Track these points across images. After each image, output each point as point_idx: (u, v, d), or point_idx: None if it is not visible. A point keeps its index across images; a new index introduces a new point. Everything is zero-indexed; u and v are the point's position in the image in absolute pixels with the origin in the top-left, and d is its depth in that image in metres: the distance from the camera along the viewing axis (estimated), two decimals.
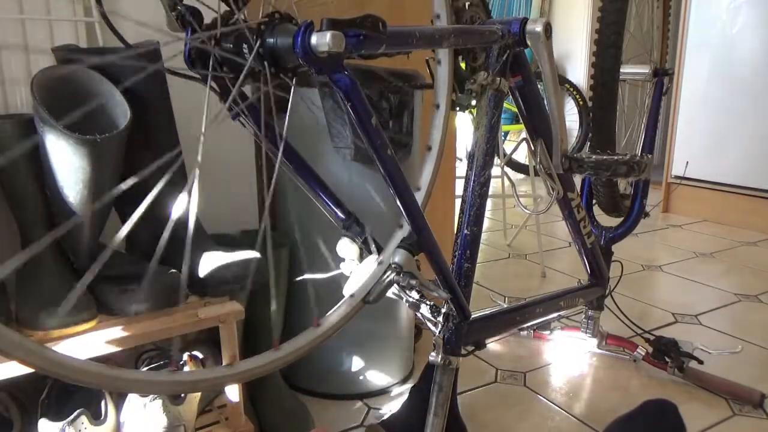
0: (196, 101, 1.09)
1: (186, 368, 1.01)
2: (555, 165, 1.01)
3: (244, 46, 0.52)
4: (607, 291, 1.38)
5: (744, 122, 2.78)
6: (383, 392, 1.32)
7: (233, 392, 1.00)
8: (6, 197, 0.88)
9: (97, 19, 1.06)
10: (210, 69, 0.53)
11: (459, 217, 0.95)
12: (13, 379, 0.75)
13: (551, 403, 1.29)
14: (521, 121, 1.06)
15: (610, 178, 1.09)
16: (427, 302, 0.93)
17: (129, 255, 1.01)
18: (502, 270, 2.19)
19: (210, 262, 0.94)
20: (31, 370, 0.41)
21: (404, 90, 1.15)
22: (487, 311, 1.04)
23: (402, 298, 0.90)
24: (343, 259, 0.78)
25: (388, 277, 0.70)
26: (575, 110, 3.86)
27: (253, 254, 0.95)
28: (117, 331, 0.84)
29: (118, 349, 0.84)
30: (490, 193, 0.97)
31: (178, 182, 0.98)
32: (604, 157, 1.02)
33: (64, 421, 0.84)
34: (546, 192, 1.14)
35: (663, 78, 1.43)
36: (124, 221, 1.03)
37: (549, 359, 1.49)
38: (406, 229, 0.74)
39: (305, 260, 1.24)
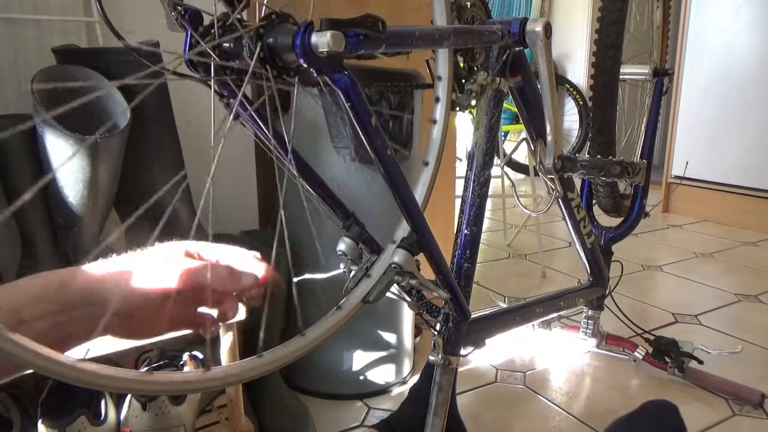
0: (195, 100, 1.09)
1: (186, 368, 1.01)
2: (548, 165, 1.01)
3: (244, 48, 0.52)
4: (607, 291, 1.38)
5: (744, 122, 2.78)
6: (383, 392, 1.32)
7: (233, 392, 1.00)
8: (6, 197, 0.88)
9: (97, 19, 1.06)
10: (212, 74, 0.53)
11: (459, 217, 0.95)
12: (13, 379, 0.75)
13: (551, 403, 1.29)
14: (521, 121, 1.06)
15: (604, 178, 1.09)
16: (427, 302, 0.93)
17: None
18: (502, 270, 2.19)
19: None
20: (31, 370, 0.40)
21: (404, 90, 1.16)
22: (487, 311, 1.04)
23: (402, 298, 0.90)
24: (343, 259, 0.77)
25: (387, 277, 0.70)
26: (575, 110, 3.86)
27: (253, 254, 0.95)
28: None
29: (118, 349, 0.84)
30: (490, 193, 0.96)
31: (180, 181, 0.98)
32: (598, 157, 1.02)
33: (64, 423, 0.84)
34: (546, 192, 1.14)
35: (663, 78, 1.43)
36: (124, 221, 1.03)
37: (549, 359, 1.49)
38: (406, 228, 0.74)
39: (305, 260, 1.24)
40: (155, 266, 0.51)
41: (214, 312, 0.55)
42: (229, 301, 0.55)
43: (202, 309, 0.55)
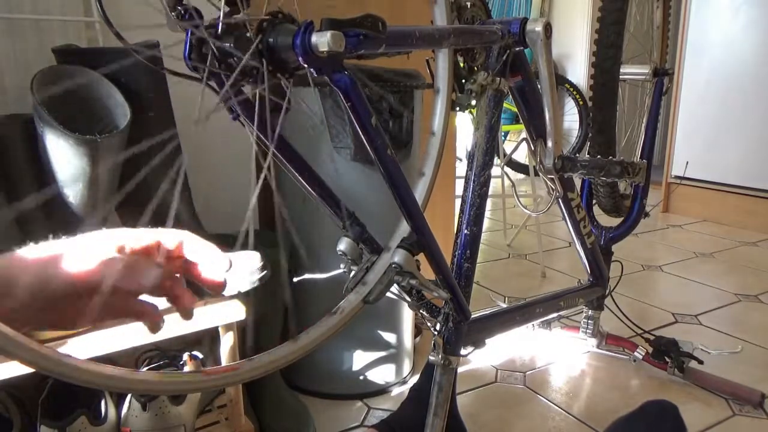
0: (196, 100, 1.09)
1: (186, 368, 1.01)
2: (548, 165, 1.01)
3: (244, 47, 0.52)
4: (607, 291, 1.38)
5: (744, 122, 2.78)
6: (383, 392, 1.32)
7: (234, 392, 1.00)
8: (6, 197, 0.88)
9: (97, 19, 1.06)
10: (207, 63, 0.52)
11: (459, 217, 0.95)
12: (13, 379, 0.75)
13: (551, 403, 1.29)
14: (521, 121, 1.06)
15: (604, 178, 1.09)
16: (427, 302, 0.93)
17: None
18: (502, 270, 2.19)
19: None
20: (31, 370, 0.40)
21: (404, 90, 1.15)
22: (487, 311, 1.04)
23: (402, 298, 0.90)
24: (343, 259, 0.77)
25: (387, 277, 0.70)
26: (575, 110, 3.86)
27: (253, 254, 0.95)
28: (117, 331, 0.84)
29: (118, 349, 0.84)
30: (490, 193, 0.96)
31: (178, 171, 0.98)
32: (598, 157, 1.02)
33: (64, 423, 0.84)
34: (546, 192, 1.14)
35: (663, 78, 1.43)
36: (123, 221, 1.03)
37: (549, 359, 1.49)
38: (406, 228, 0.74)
39: (305, 260, 1.24)
40: (77, 254, 0.47)
41: (156, 300, 0.51)
42: (177, 289, 0.52)
43: (144, 297, 0.51)
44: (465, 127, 2.87)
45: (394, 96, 1.14)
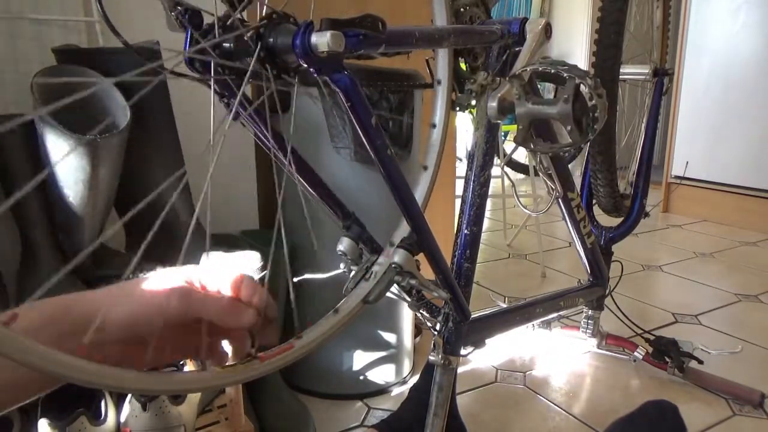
0: (196, 99, 1.09)
1: (186, 368, 1.01)
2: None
3: (245, 48, 0.52)
4: (607, 291, 1.38)
5: (744, 122, 2.78)
6: (383, 392, 1.32)
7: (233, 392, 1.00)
8: (6, 197, 0.88)
9: (97, 19, 1.06)
10: (212, 73, 0.53)
11: (459, 217, 0.95)
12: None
13: (551, 403, 1.29)
14: None
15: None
16: (427, 302, 0.93)
17: (129, 255, 1.01)
18: (502, 270, 2.19)
19: (210, 262, 0.94)
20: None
21: (404, 90, 1.15)
22: (487, 311, 1.04)
23: (402, 298, 0.90)
24: (343, 259, 0.77)
25: (387, 277, 0.70)
26: None
27: (253, 254, 0.95)
28: None
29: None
30: (490, 193, 0.96)
31: (179, 178, 0.98)
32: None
33: (64, 423, 0.84)
34: (546, 192, 1.14)
35: (663, 78, 1.43)
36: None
37: (549, 359, 1.49)
38: (406, 228, 0.74)
39: (305, 260, 1.24)
40: (156, 294, 0.48)
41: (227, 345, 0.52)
42: (237, 335, 0.52)
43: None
44: (465, 127, 2.87)
45: (394, 96, 1.14)
